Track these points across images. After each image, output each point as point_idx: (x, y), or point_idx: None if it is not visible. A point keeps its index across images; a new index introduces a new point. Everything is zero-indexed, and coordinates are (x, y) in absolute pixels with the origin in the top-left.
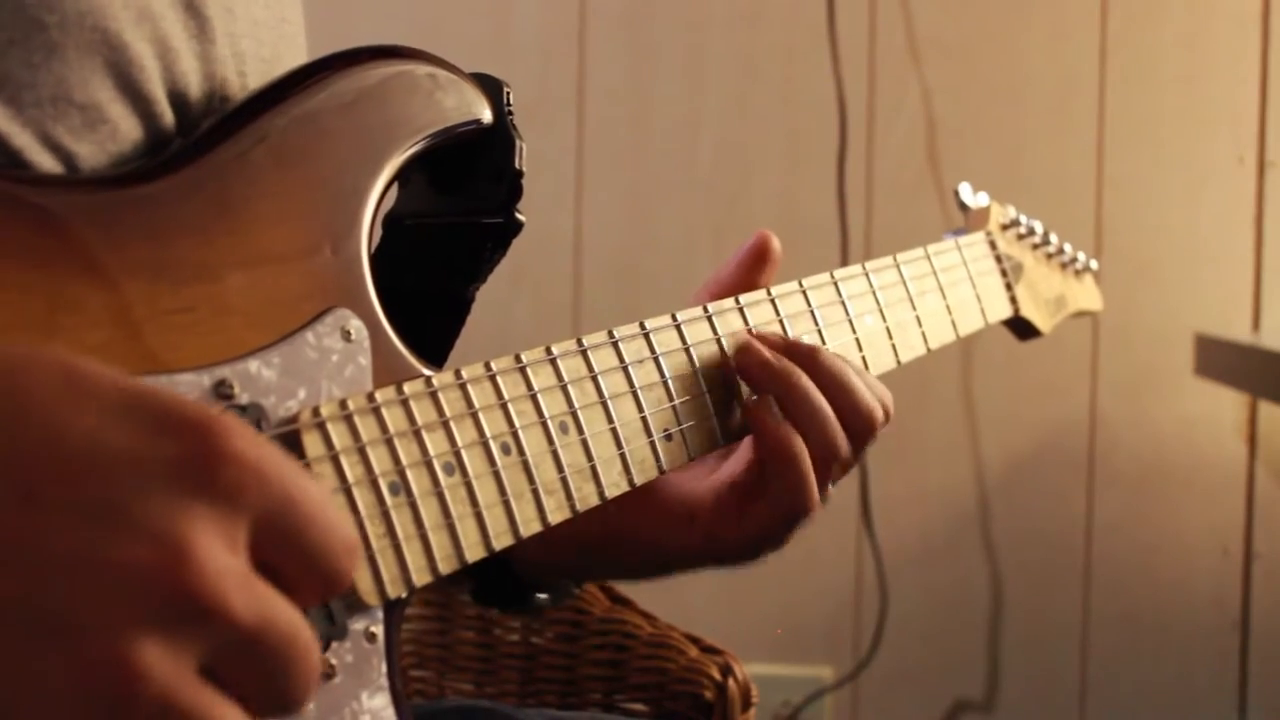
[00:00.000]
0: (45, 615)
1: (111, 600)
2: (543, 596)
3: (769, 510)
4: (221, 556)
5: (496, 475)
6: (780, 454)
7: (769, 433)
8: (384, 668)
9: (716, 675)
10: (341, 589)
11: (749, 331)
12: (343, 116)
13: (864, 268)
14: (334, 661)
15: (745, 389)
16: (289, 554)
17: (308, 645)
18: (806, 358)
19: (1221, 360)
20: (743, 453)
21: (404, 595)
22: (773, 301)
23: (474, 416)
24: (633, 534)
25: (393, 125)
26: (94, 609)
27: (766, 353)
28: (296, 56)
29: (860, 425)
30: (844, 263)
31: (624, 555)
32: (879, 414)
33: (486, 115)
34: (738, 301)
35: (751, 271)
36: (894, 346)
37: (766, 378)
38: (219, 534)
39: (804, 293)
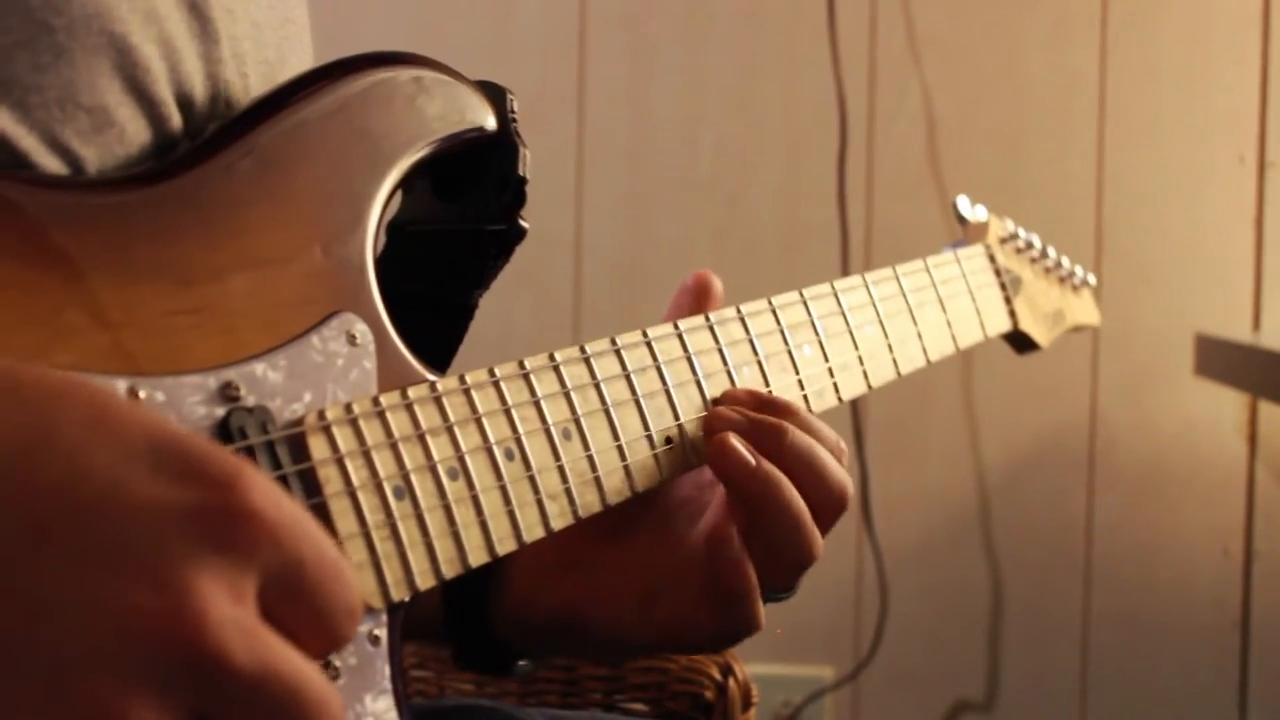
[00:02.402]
0: (41, 654)
1: (108, 645)
2: (523, 663)
3: (718, 620)
4: (226, 606)
5: (500, 480)
6: (733, 582)
7: (725, 559)
8: (387, 670)
9: (716, 675)
10: (339, 647)
11: (716, 420)
12: (347, 122)
13: (864, 279)
14: (338, 664)
15: None
16: (295, 609)
17: (319, 695)
18: (775, 438)
19: (1221, 360)
20: (710, 523)
21: (407, 599)
22: (774, 311)
23: (478, 422)
24: (593, 623)
25: (397, 132)
26: (89, 652)
27: (748, 457)
28: (301, 57)
29: (830, 504)
30: (844, 262)
31: (587, 641)
32: (849, 487)
33: (490, 122)
34: (739, 311)
35: (694, 310)
36: (894, 359)
37: (747, 482)
38: (226, 585)
39: (805, 303)
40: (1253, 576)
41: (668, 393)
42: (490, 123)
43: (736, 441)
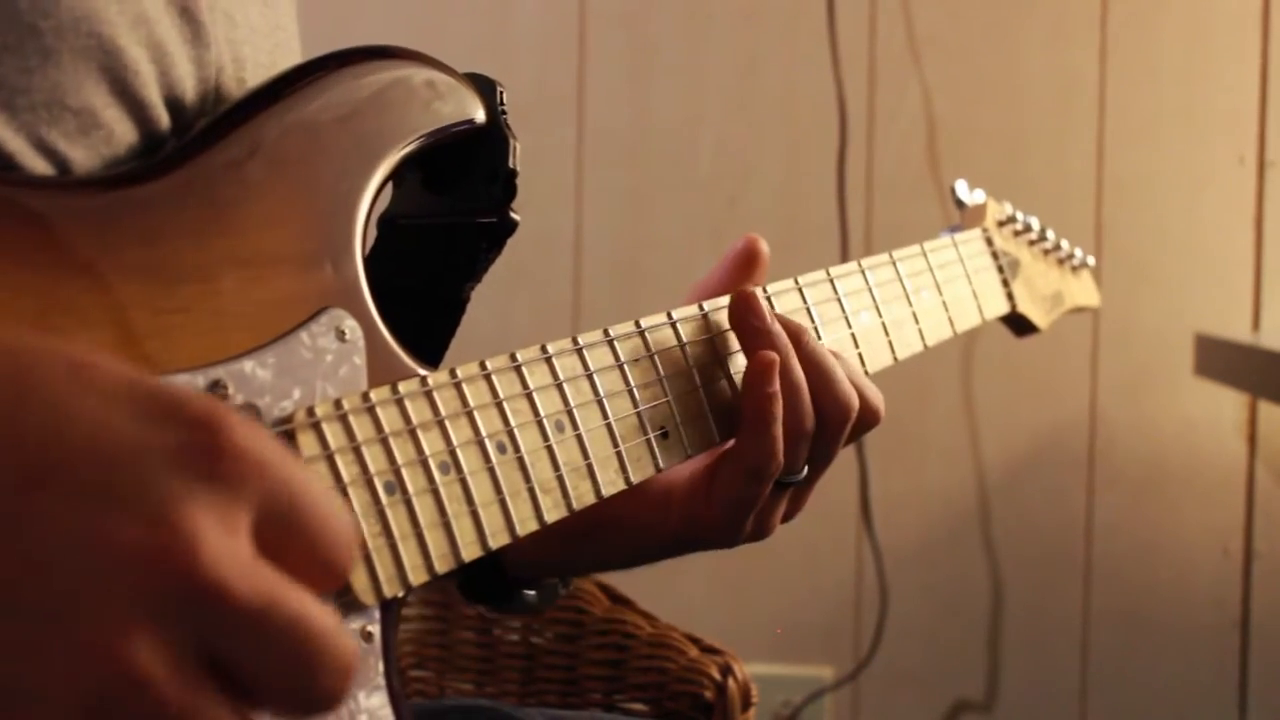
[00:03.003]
0: (39, 600)
1: (105, 584)
2: (530, 594)
3: (737, 469)
4: (220, 538)
5: (492, 473)
6: (760, 412)
7: (758, 389)
8: (381, 667)
9: (716, 675)
10: (340, 582)
11: (751, 288)
12: (336, 117)
13: (860, 265)
14: None
15: (742, 386)
16: (290, 543)
17: (325, 628)
18: (793, 334)
19: (1221, 360)
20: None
21: (400, 594)
22: (769, 299)
23: (469, 415)
24: (614, 522)
25: (386, 126)
26: (88, 594)
27: (766, 313)
28: (291, 63)
29: (833, 410)
30: (844, 263)
31: (607, 543)
32: (854, 403)
33: (480, 115)
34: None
35: (741, 275)
36: (890, 343)
37: (761, 336)
38: (218, 517)
39: (800, 290)
40: (1253, 576)
41: (662, 382)
42: (480, 115)
43: (762, 300)
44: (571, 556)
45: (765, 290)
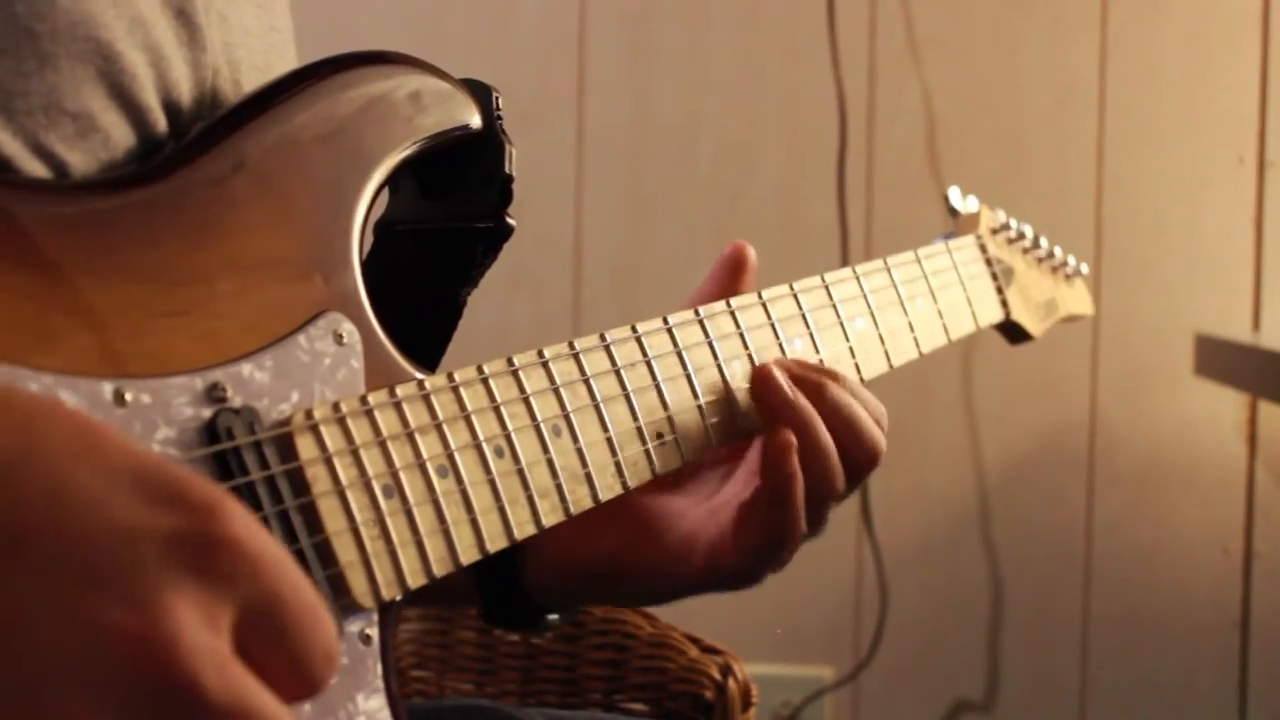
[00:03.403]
0: (9, 666)
1: (77, 661)
2: (553, 617)
3: (761, 531)
4: (201, 634)
5: (490, 478)
6: (781, 488)
7: (777, 469)
8: (379, 669)
9: (716, 675)
10: (313, 694)
11: (770, 363)
12: (332, 123)
13: (855, 271)
14: None
15: (738, 391)
16: (271, 649)
17: None
18: (815, 391)
19: (1221, 360)
20: (744, 476)
21: (398, 597)
22: (764, 305)
23: (467, 419)
24: (636, 570)
25: (382, 131)
26: (58, 668)
27: (785, 388)
28: (286, 65)
29: (863, 458)
30: (844, 263)
31: (629, 590)
32: (882, 445)
33: (475, 121)
34: (729, 304)
35: (730, 281)
36: (886, 351)
37: (783, 410)
38: (203, 613)
39: (795, 296)
40: (1253, 576)
41: (658, 387)
42: (475, 121)
43: (780, 375)
44: (595, 598)
45: (760, 295)
